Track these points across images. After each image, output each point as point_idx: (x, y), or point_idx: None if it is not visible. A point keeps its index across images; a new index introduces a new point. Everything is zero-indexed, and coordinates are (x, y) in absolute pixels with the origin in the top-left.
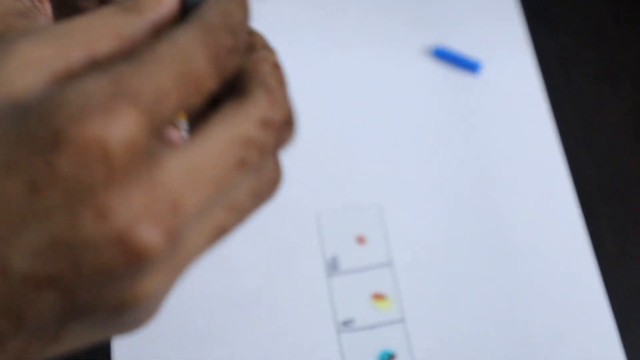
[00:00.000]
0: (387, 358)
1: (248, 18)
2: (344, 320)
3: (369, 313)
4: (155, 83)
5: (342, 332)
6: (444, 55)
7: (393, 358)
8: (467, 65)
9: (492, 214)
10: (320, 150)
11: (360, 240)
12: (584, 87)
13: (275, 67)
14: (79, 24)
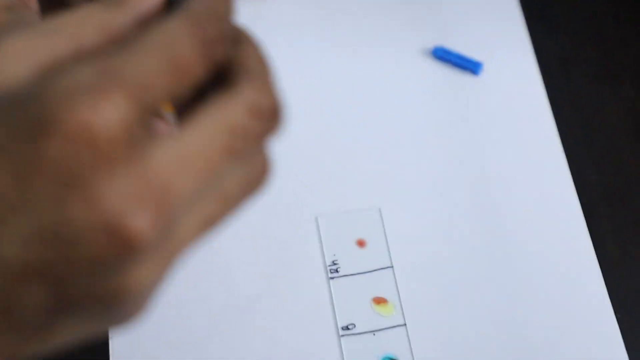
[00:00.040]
0: None
1: (233, 9)
2: (345, 325)
3: (370, 317)
4: (142, 70)
5: (343, 336)
6: (444, 56)
7: None
8: (467, 67)
9: (492, 216)
10: (319, 153)
11: (361, 244)
12: (585, 87)
13: (261, 58)
14: (66, 19)
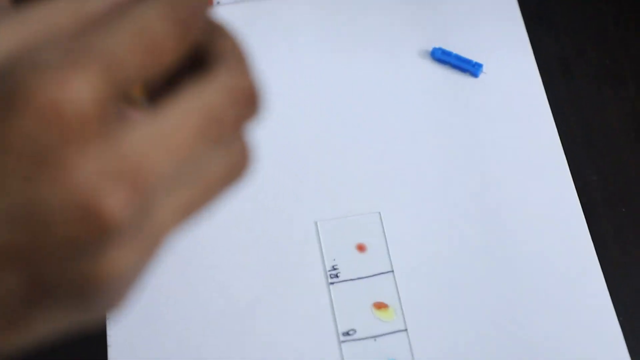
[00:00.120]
0: None
1: None
2: (345, 330)
3: (371, 322)
4: (114, 47)
5: (343, 342)
6: (443, 58)
7: None
8: (467, 68)
9: (493, 218)
10: (318, 157)
11: (361, 248)
12: (585, 87)
13: (238, 45)
14: (39, 6)
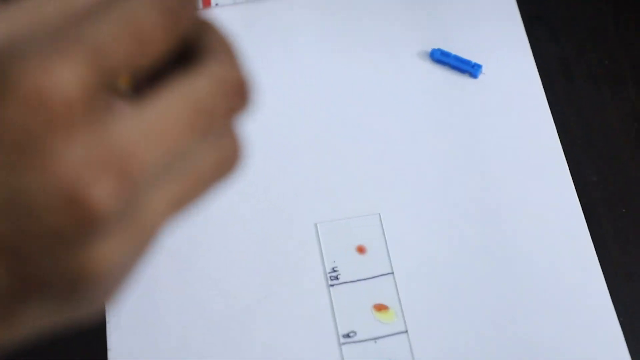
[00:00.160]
0: None
1: None
2: (346, 333)
3: (371, 324)
4: (101, 35)
5: (344, 344)
6: (443, 59)
7: None
8: (466, 69)
9: (493, 219)
10: (317, 159)
11: (361, 250)
12: (585, 88)
13: (226, 39)
14: (27, 3)
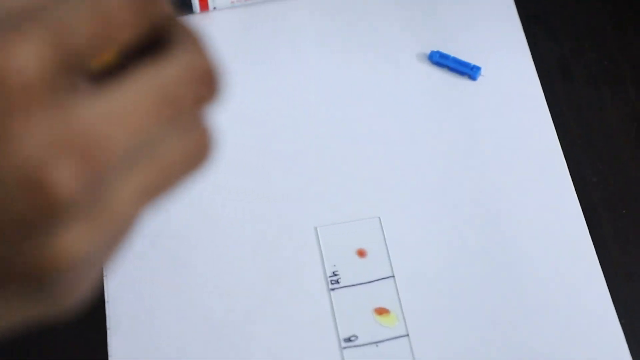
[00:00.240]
0: None
1: None
2: (347, 337)
3: (372, 328)
4: (62, 15)
5: (345, 348)
6: (441, 61)
7: None
8: (465, 71)
9: (493, 221)
10: (316, 162)
11: (361, 254)
12: (584, 89)
13: (193, 30)
14: None
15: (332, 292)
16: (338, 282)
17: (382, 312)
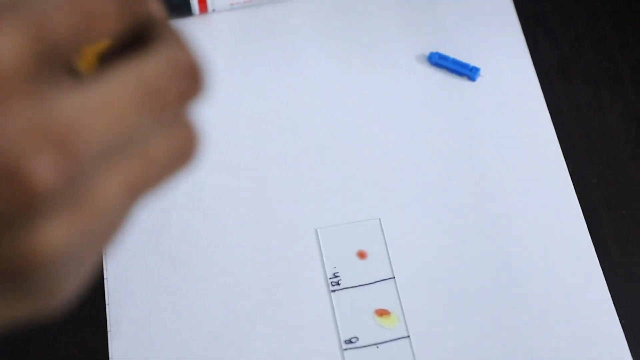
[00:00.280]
0: None
1: None
2: (348, 338)
3: (373, 330)
4: (42, 6)
5: (346, 350)
6: (441, 62)
7: None
8: (465, 72)
9: (493, 223)
10: (316, 164)
11: (361, 255)
12: (584, 90)
13: (175, 27)
14: None
15: (332, 293)
16: (338, 283)
17: (382, 313)
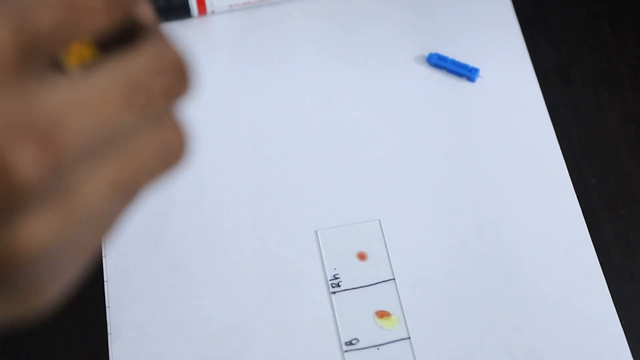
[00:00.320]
0: None
1: None
2: (348, 340)
3: (374, 331)
4: (27, 0)
5: (346, 352)
6: (440, 63)
7: None
8: (464, 73)
9: (493, 224)
10: (316, 166)
11: (361, 257)
12: (583, 91)
13: (162, 28)
14: None
15: (333, 295)
16: (339, 285)
17: (383, 315)
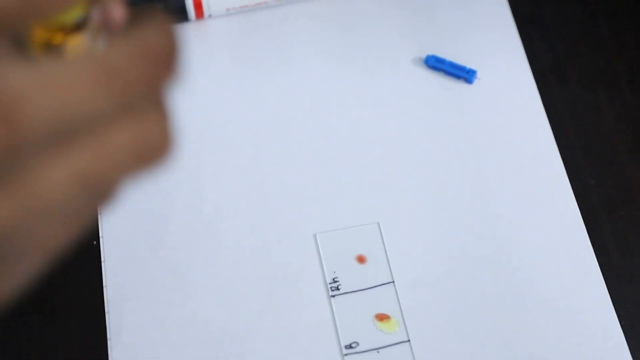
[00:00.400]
0: None
1: None
2: (348, 343)
3: (373, 334)
4: None
5: (346, 355)
6: (438, 65)
7: None
8: (461, 75)
9: (492, 226)
10: (315, 169)
11: (361, 260)
12: (580, 92)
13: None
14: None
15: (332, 298)
16: (338, 288)
17: (382, 318)
